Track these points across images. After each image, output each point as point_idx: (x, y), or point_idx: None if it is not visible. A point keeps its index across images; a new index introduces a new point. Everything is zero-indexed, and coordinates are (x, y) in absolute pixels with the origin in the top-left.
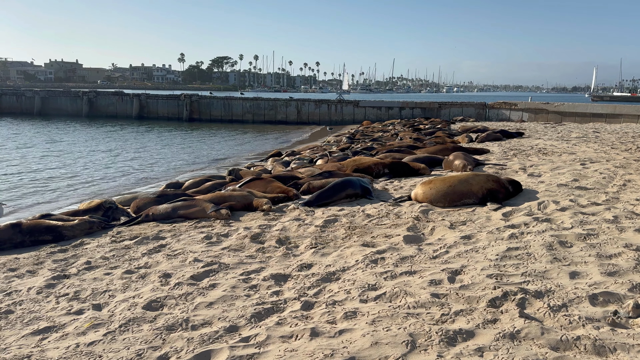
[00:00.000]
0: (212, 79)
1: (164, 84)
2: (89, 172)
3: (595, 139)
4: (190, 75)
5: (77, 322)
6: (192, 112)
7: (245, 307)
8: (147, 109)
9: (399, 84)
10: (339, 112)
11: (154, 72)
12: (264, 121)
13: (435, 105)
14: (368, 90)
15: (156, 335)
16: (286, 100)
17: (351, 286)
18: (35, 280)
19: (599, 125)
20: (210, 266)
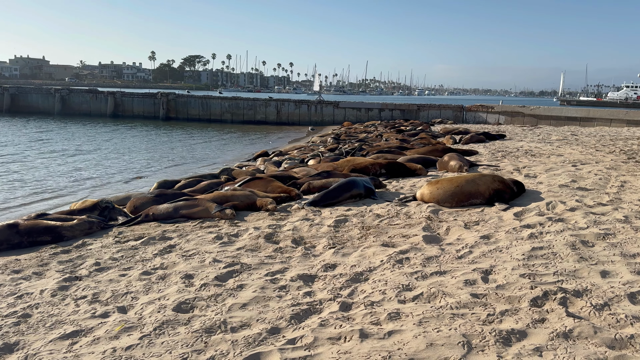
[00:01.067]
0: (184, 77)
1: (134, 82)
2: (69, 173)
3: (575, 141)
4: (161, 74)
5: (106, 326)
6: (169, 110)
7: (282, 309)
8: (122, 107)
9: (371, 86)
10: (319, 113)
11: (124, 70)
12: (243, 121)
13: (414, 108)
14: (342, 92)
15: (196, 338)
16: (266, 100)
17: (384, 287)
18: (46, 283)
19: (574, 129)
20: (232, 267)
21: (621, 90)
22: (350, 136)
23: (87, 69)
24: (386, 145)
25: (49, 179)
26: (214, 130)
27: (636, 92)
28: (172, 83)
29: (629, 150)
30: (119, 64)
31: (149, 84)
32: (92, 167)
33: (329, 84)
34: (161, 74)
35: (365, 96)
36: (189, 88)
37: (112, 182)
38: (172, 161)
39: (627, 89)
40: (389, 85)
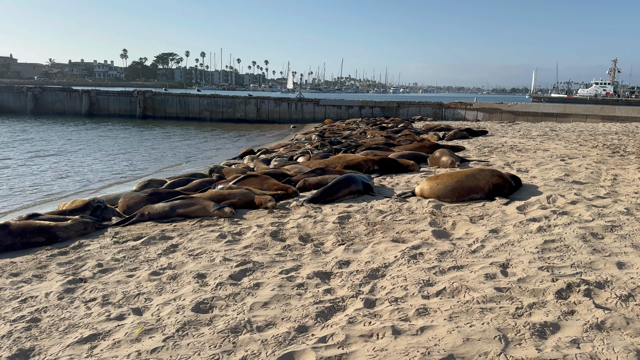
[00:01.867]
0: (157, 75)
1: (105, 80)
2: (51, 172)
3: (556, 137)
4: (133, 72)
5: (125, 328)
6: (146, 109)
7: (305, 307)
8: (98, 105)
9: (347, 84)
10: (300, 111)
11: (95, 69)
12: (222, 119)
13: (394, 105)
14: (317, 90)
15: (222, 338)
16: (245, 98)
17: (404, 282)
18: (49, 285)
19: (552, 124)
20: (244, 265)
21: (591, 87)
22: (334, 133)
23: (57, 67)
24: (372, 142)
25: (27, 181)
26: (194, 129)
27: (605, 89)
28: (144, 81)
29: (611, 144)
30: (89, 62)
31: (121, 83)
32: (72, 168)
33: (304, 82)
34: (133, 72)
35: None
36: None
37: (94, 181)
38: (156, 160)
39: (597, 85)
40: (365, 83)
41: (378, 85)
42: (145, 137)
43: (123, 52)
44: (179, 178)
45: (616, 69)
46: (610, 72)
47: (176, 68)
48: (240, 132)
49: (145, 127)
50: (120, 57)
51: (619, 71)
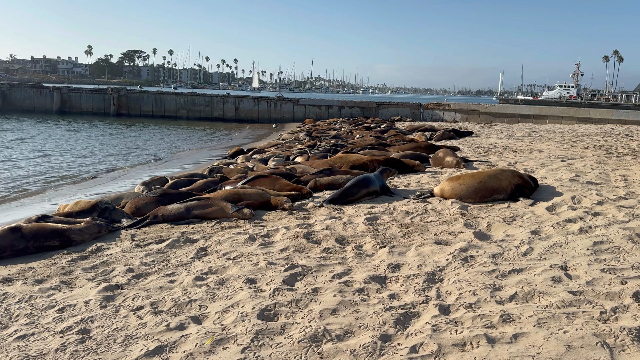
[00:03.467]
0: (123, 73)
1: (69, 77)
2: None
3: (541, 138)
4: (98, 69)
5: (192, 339)
6: (120, 107)
7: (377, 313)
8: (70, 103)
9: (316, 84)
10: (279, 110)
11: (59, 65)
12: (199, 118)
13: (374, 105)
14: (288, 90)
15: (305, 348)
16: (223, 97)
17: (470, 287)
18: (85, 293)
19: (530, 126)
20: (292, 269)
21: (555, 90)
22: (322, 133)
23: (18, 63)
24: (363, 142)
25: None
26: (172, 127)
27: (569, 91)
28: (110, 79)
29: (601, 146)
30: (52, 58)
31: (86, 80)
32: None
33: (274, 82)
34: (99, 69)
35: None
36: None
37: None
38: (141, 159)
39: (561, 88)
40: (334, 83)
41: (347, 86)
42: (123, 135)
43: (88, 49)
44: (181, 178)
45: (579, 72)
46: (574, 76)
47: (143, 66)
48: (221, 131)
49: (121, 125)
50: (84, 54)
51: (582, 74)
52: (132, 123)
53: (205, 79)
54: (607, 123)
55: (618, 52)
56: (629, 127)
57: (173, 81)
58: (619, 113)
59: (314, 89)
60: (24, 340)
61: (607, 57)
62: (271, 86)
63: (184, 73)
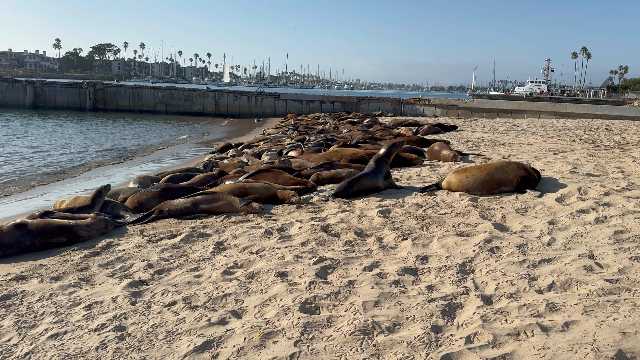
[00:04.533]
0: (94, 67)
1: (37, 71)
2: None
3: (524, 132)
4: (67, 63)
5: (239, 334)
6: (97, 101)
7: (421, 305)
8: (44, 97)
9: (291, 79)
10: (260, 105)
11: (26, 59)
12: (178, 112)
13: (355, 100)
14: (263, 85)
15: (359, 340)
16: (203, 91)
17: (504, 277)
18: (109, 289)
19: (509, 120)
20: (321, 262)
21: (526, 86)
22: (308, 128)
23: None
24: (350, 136)
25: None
26: (151, 122)
27: (539, 87)
28: (80, 73)
29: (586, 139)
30: (19, 51)
31: (55, 74)
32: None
33: (248, 76)
34: (68, 63)
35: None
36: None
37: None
38: (123, 156)
39: (532, 84)
40: (309, 78)
41: (322, 81)
42: (100, 130)
43: (56, 42)
44: (177, 173)
45: (550, 68)
46: (545, 72)
47: (114, 60)
48: (203, 125)
49: (98, 119)
50: (53, 47)
51: (552, 70)
52: (110, 118)
53: (178, 73)
54: (583, 117)
55: (586, 49)
56: (605, 121)
57: (145, 75)
58: (594, 108)
59: (289, 84)
60: (58, 339)
61: (576, 53)
62: (245, 81)
63: (156, 67)
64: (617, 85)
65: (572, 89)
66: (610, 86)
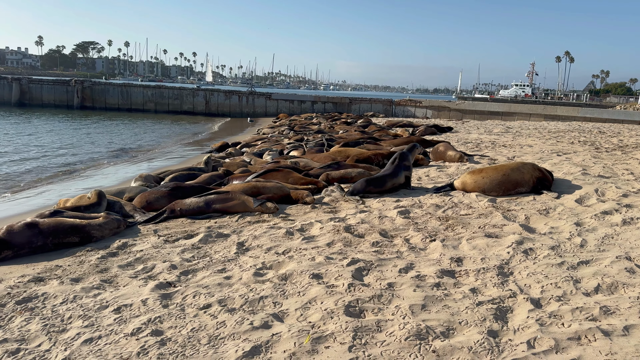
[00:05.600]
0: (77, 65)
1: (19, 69)
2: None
3: (519, 134)
4: (50, 61)
5: (287, 338)
6: (85, 99)
7: (470, 308)
8: (30, 94)
9: (277, 79)
10: (251, 104)
11: (7, 56)
12: (168, 111)
13: (346, 101)
14: (249, 84)
15: (416, 346)
16: (193, 90)
17: (546, 279)
18: (136, 291)
19: (501, 122)
20: (355, 264)
21: (511, 89)
22: (304, 128)
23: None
24: (348, 137)
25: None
26: (141, 121)
27: (524, 90)
28: (63, 70)
29: (585, 141)
30: (0, 48)
31: (37, 72)
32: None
33: (234, 76)
34: (50, 60)
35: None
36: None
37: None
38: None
39: (516, 87)
40: (295, 79)
41: (309, 82)
42: (89, 129)
43: (38, 39)
44: (181, 172)
45: (534, 71)
46: (529, 75)
47: (98, 58)
48: (196, 124)
49: (87, 118)
50: (35, 44)
51: (536, 74)
52: (98, 116)
53: (163, 72)
54: (573, 120)
55: (569, 53)
56: (595, 124)
57: (129, 74)
58: (584, 111)
59: (275, 84)
60: (93, 345)
61: (559, 57)
62: (231, 80)
63: (141, 66)
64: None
65: (556, 93)
66: (592, 90)
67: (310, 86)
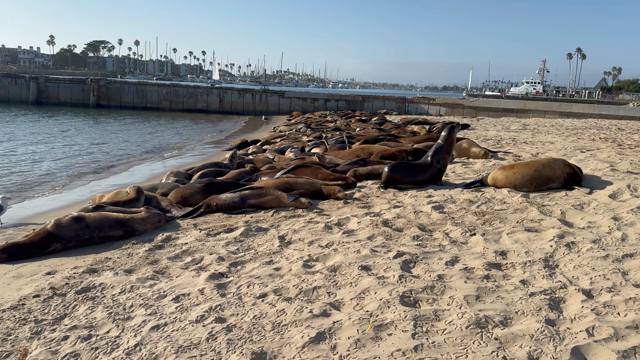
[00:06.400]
0: (88, 64)
1: (31, 67)
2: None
3: (537, 131)
4: (62, 60)
5: (348, 326)
6: (100, 97)
7: (524, 299)
8: (47, 93)
9: (286, 77)
10: (264, 102)
11: (20, 55)
12: (182, 109)
13: (359, 99)
14: (258, 83)
15: (477, 334)
16: (207, 88)
17: (594, 272)
18: (191, 282)
19: (516, 119)
20: (401, 257)
21: (522, 86)
22: (321, 125)
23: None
24: (365, 134)
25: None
26: (157, 119)
27: (535, 87)
28: (74, 69)
29: (606, 138)
30: (13, 47)
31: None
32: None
33: (242, 74)
34: (62, 59)
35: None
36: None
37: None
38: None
39: (527, 84)
40: (304, 77)
41: (317, 80)
42: (109, 128)
43: (50, 39)
44: (209, 169)
45: (545, 69)
46: (540, 72)
47: (108, 57)
48: (209, 122)
49: (104, 116)
50: (47, 44)
51: (547, 71)
52: (115, 114)
53: (173, 71)
54: (588, 117)
55: (581, 50)
56: (612, 121)
57: (140, 73)
58: (600, 108)
59: (283, 82)
60: (161, 331)
61: (571, 54)
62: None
63: (151, 64)
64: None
65: (567, 90)
66: (604, 87)
67: (319, 84)
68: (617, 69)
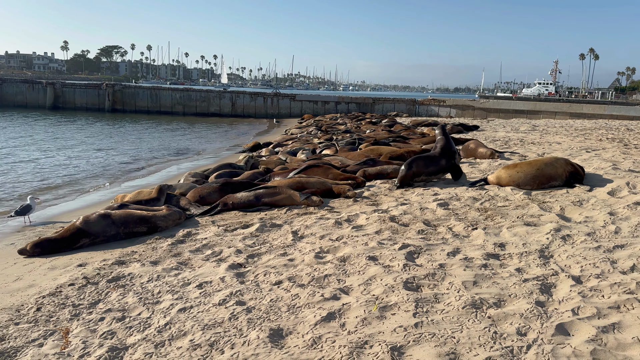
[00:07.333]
0: (101, 69)
1: (46, 73)
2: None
3: (546, 132)
4: (75, 65)
5: (356, 308)
6: (115, 102)
7: (517, 284)
8: (63, 98)
9: (297, 80)
10: (276, 105)
11: (34, 61)
12: (195, 113)
13: (370, 101)
14: (269, 86)
15: (472, 313)
16: (220, 92)
17: (586, 261)
18: (212, 271)
19: (526, 121)
20: (405, 248)
21: (534, 87)
22: (332, 128)
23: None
24: (376, 135)
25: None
26: (172, 123)
27: (547, 88)
28: (88, 74)
29: (614, 139)
30: (27, 53)
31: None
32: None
33: (254, 78)
34: (76, 64)
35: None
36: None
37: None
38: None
39: (540, 85)
40: (315, 80)
41: (328, 83)
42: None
43: (64, 44)
44: (224, 170)
45: (557, 69)
46: (552, 73)
47: (121, 61)
48: (223, 126)
49: (120, 121)
50: (60, 49)
51: (560, 72)
52: (131, 119)
53: (185, 75)
54: (599, 118)
55: (594, 50)
56: (622, 121)
57: (152, 77)
58: (610, 108)
59: (294, 85)
60: (187, 313)
61: (583, 54)
62: (251, 82)
63: (163, 69)
64: (624, 87)
65: (580, 91)
66: (617, 87)
67: (330, 87)
68: (631, 69)
